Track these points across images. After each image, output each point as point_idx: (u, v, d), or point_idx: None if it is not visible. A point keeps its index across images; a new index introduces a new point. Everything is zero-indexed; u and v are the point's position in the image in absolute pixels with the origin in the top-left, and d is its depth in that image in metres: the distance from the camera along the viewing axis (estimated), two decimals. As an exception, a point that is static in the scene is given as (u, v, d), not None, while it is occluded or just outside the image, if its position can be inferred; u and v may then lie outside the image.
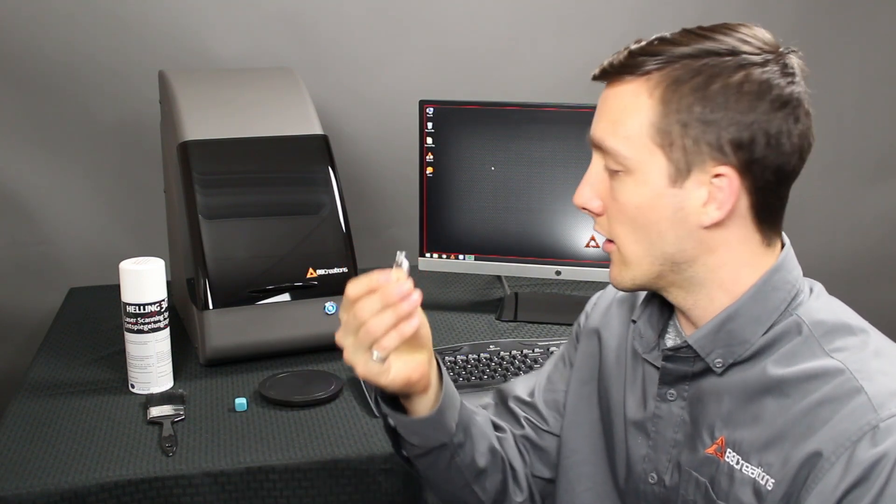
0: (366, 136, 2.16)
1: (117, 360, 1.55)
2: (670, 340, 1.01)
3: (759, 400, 0.89)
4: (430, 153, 1.80)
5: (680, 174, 0.89)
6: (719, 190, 0.88)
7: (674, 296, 0.96)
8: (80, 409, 1.41)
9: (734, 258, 0.92)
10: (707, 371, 0.94)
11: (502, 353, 1.55)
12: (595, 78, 0.94)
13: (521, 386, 1.18)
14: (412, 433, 1.01)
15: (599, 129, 0.93)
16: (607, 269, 1.75)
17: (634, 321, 1.05)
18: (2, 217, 2.02)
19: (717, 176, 0.88)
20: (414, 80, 2.13)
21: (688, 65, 0.88)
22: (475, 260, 1.83)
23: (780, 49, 0.90)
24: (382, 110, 2.15)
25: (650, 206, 0.91)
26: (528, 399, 1.16)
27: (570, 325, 1.76)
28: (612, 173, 0.93)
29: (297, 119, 1.66)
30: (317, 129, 1.65)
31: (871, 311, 0.96)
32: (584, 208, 0.97)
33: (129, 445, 1.29)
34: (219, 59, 2.03)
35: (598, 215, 0.97)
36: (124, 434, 1.33)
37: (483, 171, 1.78)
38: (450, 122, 1.78)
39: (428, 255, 1.84)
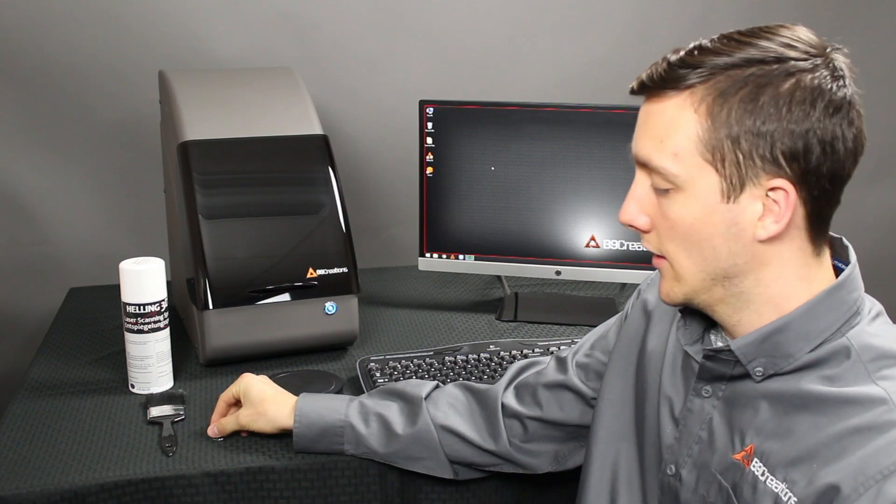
0: (366, 136, 2.16)
1: (117, 360, 1.55)
2: (714, 336, 1.00)
3: (795, 414, 0.87)
4: (430, 153, 1.80)
5: (733, 189, 0.87)
6: (775, 203, 0.87)
7: (720, 314, 0.94)
8: (80, 409, 1.41)
9: (787, 272, 0.90)
10: (745, 376, 0.93)
11: (502, 353, 1.55)
12: (633, 92, 0.92)
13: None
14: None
15: (644, 146, 0.91)
16: (607, 269, 1.78)
17: (681, 310, 1.03)
18: (2, 217, 2.02)
19: (772, 189, 0.86)
20: (414, 80, 2.13)
21: (733, 75, 0.86)
22: (475, 260, 1.83)
23: (827, 49, 0.88)
24: (382, 110, 2.15)
25: (703, 222, 0.89)
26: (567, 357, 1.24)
27: (570, 325, 1.78)
28: (661, 191, 0.91)
29: (297, 119, 1.66)
30: (317, 129, 1.65)
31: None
32: (631, 225, 0.95)
33: (129, 445, 1.29)
34: (219, 59, 2.03)
35: (645, 232, 0.95)
36: (124, 434, 1.33)
37: (483, 171, 1.78)
38: (450, 122, 1.78)
39: (428, 255, 1.84)
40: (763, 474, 0.88)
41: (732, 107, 0.85)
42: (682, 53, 0.89)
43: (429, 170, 1.80)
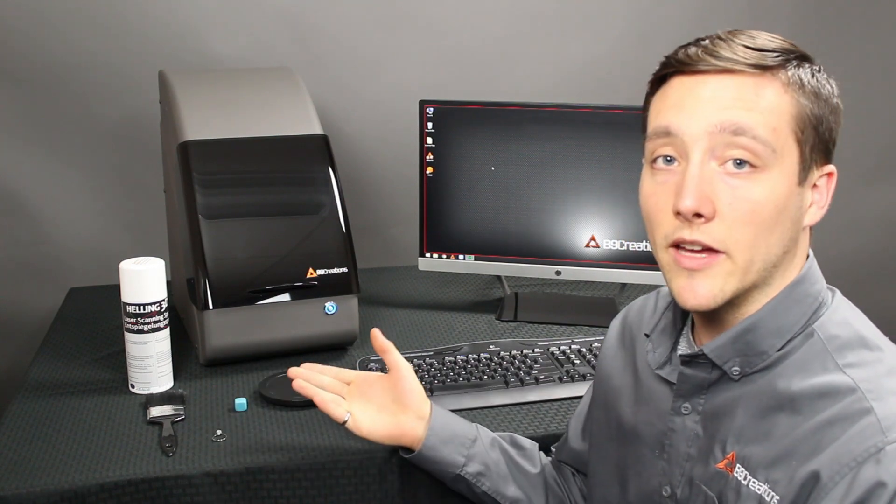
0: (366, 136, 2.16)
1: (117, 360, 1.55)
2: (682, 350, 1.00)
3: (772, 416, 0.88)
4: (430, 153, 1.80)
5: (805, 172, 0.89)
6: (820, 190, 0.91)
7: (725, 307, 0.91)
8: (80, 409, 1.41)
9: (797, 261, 0.93)
10: (723, 379, 0.93)
11: (502, 353, 1.55)
12: (688, 61, 0.89)
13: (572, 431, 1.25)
14: (422, 466, 1.23)
15: (738, 116, 0.86)
16: (607, 269, 1.78)
17: (648, 335, 1.04)
18: (2, 217, 2.02)
19: (826, 175, 0.91)
20: (414, 80, 2.13)
21: (797, 65, 0.90)
22: (475, 260, 1.83)
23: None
24: (382, 110, 2.15)
25: (784, 205, 0.88)
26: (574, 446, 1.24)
27: (570, 325, 1.77)
28: (739, 171, 0.86)
29: (297, 119, 1.66)
30: (317, 129, 1.65)
31: (871, 312, 0.95)
32: (697, 213, 0.87)
33: (129, 445, 1.29)
34: (219, 59, 2.03)
35: (708, 220, 0.87)
36: (124, 434, 1.33)
37: (483, 171, 1.78)
38: (450, 122, 1.78)
39: (428, 255, 1.84)
40: (745, 478, 0.88)
41: (809, 93, 0.89)
42: (741, 37, 0.89)
43: (429, 170, 1.80)
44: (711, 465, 0.93)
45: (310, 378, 1.24)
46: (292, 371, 1.25)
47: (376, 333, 1.24)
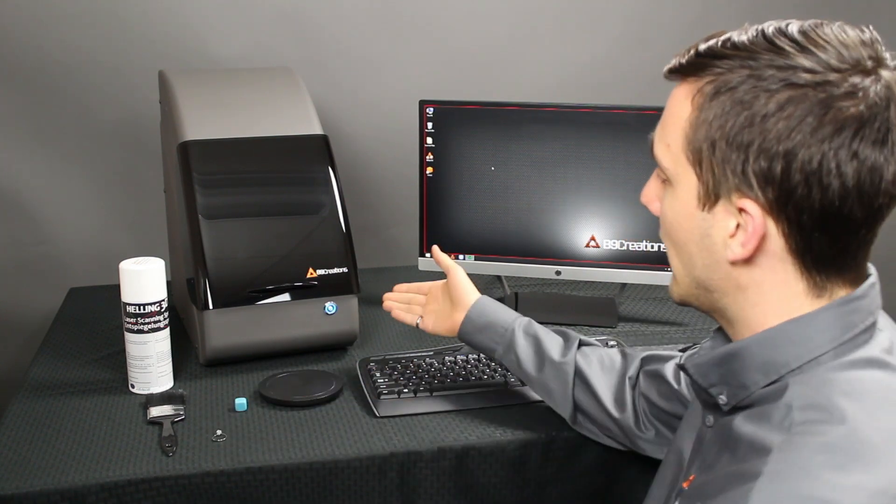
0: (366, 136, 2.16)
1: (117, 360, 1.55)
2: None
3: (722, 452, 0.83)
4: (430, 153, 1.80)
5: (708, 197, 0.80)
6: (745, 225, 0.78)
7: (719, 321, 0.90)
8: (80, 409, 1.41)
9: (767, 301, 0.81)
10: (719, 407, 0.87)
11: (502, 353, 1.55)
12: (665, 77, 0.85)
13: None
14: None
15: (656, 131, 0.86)
16: (607, 269, 1.78)
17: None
18: (2, 217, 2.02)
19: (741, 210, 0.78)
20: (414, 80, 2.13)
21: (733, 76, 0.77)
22: (475, 260, 1.83)
23: (868, 65, 0.77)
24: (382, 110, 2.15)
25: (681, 225, 0.84)
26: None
27: (570, 325, 1.77)
28: (663, 180, 0.87)
29: (297, 119, 1.66)
30: (317, 129, 1.65)
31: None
32: (648, 206, 0.92)
33: (129, 445, 1.29)
34: (219, 59, 2.03)
35: (658, 217, 0.90)
36: (124, 434, 1.33)
37: (483, 171, 1.78)
38: (450, 122, 1.78)
39: (428, 255, 1.84)
40: (675, 502, 0.86)
41: (718, 107, 0.77)
42: (711, 42, 0.80)
43: (429, 170, 1.80)
44: (681, 483, 0.90)
45: (398, 298, 1.51)
46: (386, 298, 1.51)
47: (435, 250, 1.49)
